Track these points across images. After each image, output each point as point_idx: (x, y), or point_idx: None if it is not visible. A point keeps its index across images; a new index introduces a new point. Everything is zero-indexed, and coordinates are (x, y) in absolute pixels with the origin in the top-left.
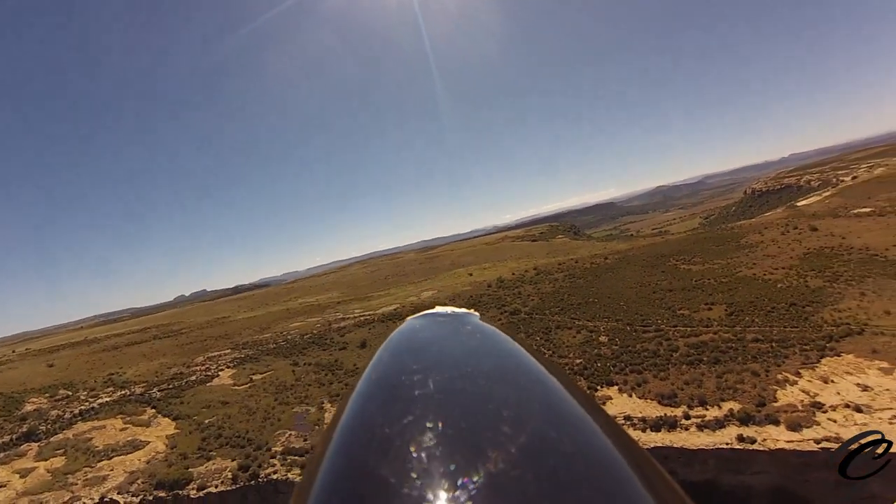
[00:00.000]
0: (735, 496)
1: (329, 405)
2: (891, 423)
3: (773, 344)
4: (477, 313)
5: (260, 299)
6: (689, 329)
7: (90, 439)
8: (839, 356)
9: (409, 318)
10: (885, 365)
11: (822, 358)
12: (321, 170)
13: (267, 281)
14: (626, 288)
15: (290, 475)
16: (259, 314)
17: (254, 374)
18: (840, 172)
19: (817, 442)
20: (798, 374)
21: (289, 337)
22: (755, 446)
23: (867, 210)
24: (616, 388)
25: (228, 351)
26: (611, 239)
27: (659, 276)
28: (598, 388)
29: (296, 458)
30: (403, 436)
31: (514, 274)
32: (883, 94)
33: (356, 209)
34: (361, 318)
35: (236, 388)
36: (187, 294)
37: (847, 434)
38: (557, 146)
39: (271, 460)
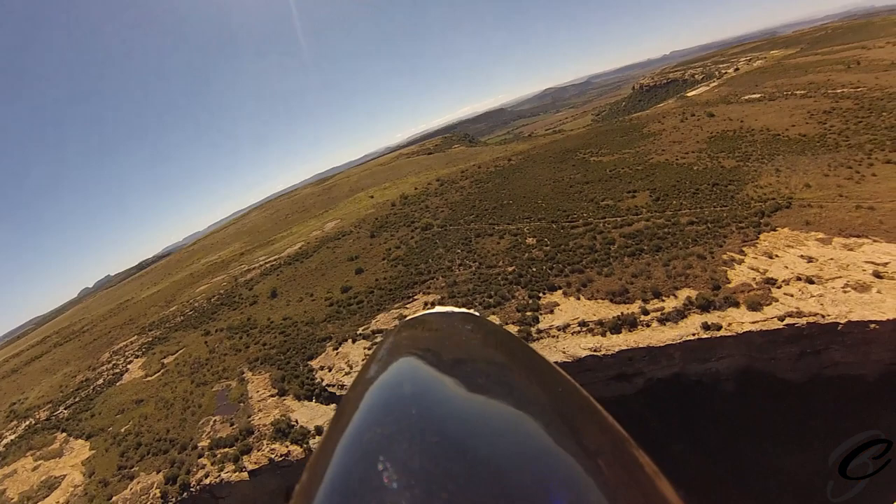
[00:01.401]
0: (703, 385)
1: (250, 373)
2: (844, 292)
3: (709, 225)
4: (476, 313)
5: (163, 270)
6: (619, 219)
7: (2, 492)
8: (775, 231)
9: (407, 317)
10: (821, 235)
11: (759, 234)
12: (202, 122)
13: (170, 249)
14: (540, 185)
15: (223, 475)
16: (163, 287)
17: (165, 358)
18: (721, 66)
19: (781, 319)
20: (742, 253)
21: (196, 304)
22: (721, 333)
23: (757, 96)
24: (560, 292)
25: (135, 338)
26: (508, 141)
27: (571, 170)
28: (541, 294)
29: (226, 450)
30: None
31: (416, 189)
32: None
33: (245, 156)
34: (267, 265)
35: (149, 379)
36: (91, 285)
37: (807, 307)
38: (439, 60)
39: (199, 460)
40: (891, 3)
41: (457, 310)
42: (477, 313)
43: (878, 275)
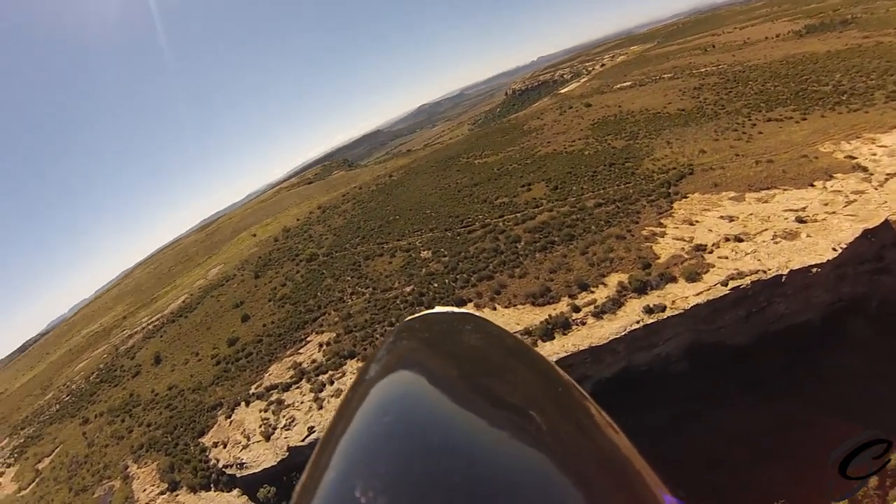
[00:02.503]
0: (653, 372)
1: (135, 466)
2: (776, 243)
3: (618, 204)
4: (476, 313)
5: (40, 350)
6: (519, 215)
7: None
8: (686, 198)
9: (407, 318)
10: (733, 194)
11: (672, 204)
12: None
13: (55, 323)
14: (426, 195)
15: None
16: (39, 371)
17: (39, 462)
18: (588, 64)
19: (724, 284)
20: (661, 225)
21: (73, 387)
22: (668, 313)
23: (628, 83)
24: (471, 305)
25: (6, 441)
26: (388, 159)
27: (456, 175)
28: None
29: None
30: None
31: (298, 220)
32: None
33: (130, 212)
34: (150, 327)
35: (22, 493)
36: None
37: (746, 266)
38: (308, 89)
39: None
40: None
41: (456, 310)
42: (477, 313)
43: (801, 220)
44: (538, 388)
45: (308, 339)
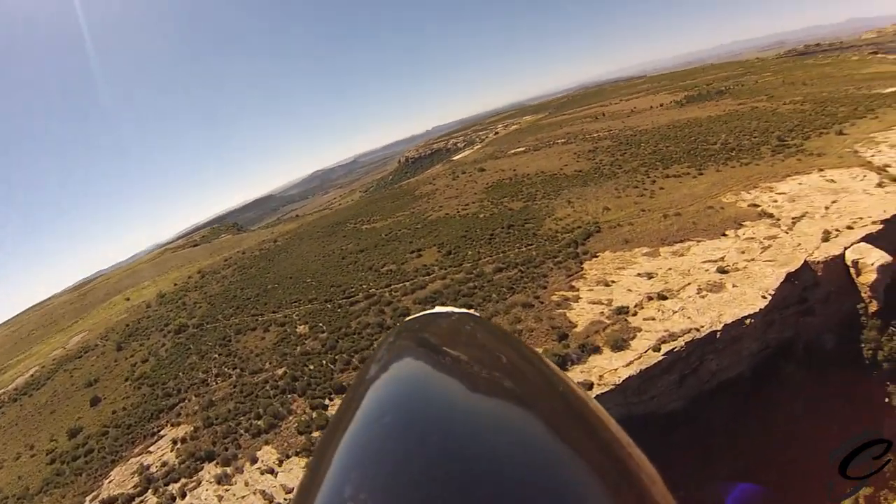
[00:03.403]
0: None
1: None
2: (702, 297)
3: (521, 268)
4: (476, 313)
5: None
6: (408, 283)
7: None
8: (597, 257)
9: (407, 317)
10: (646, 249)
11: (582, 264)
12: None
13: None
14: (309, 262)
15: None
16: None
17: None
18: (481, 133)
19: (657, 349)
20: (573, 288)
21: None
22: (595, 391)
23: (522, 149)
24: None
25: None
26: (276, 224)
27: (342, 241)
28: (327, 401)
29: None
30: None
31: (176, 285)
32: (509, 71)
33: None
34: None
35: None
36: None
37: (676, 326)
38: (203, 151)
39: None
40: (615, 77)
41: (457, 310)
42: (477, 313)
43: (722, 270)
44: (538, 387)
45: (161, 432)
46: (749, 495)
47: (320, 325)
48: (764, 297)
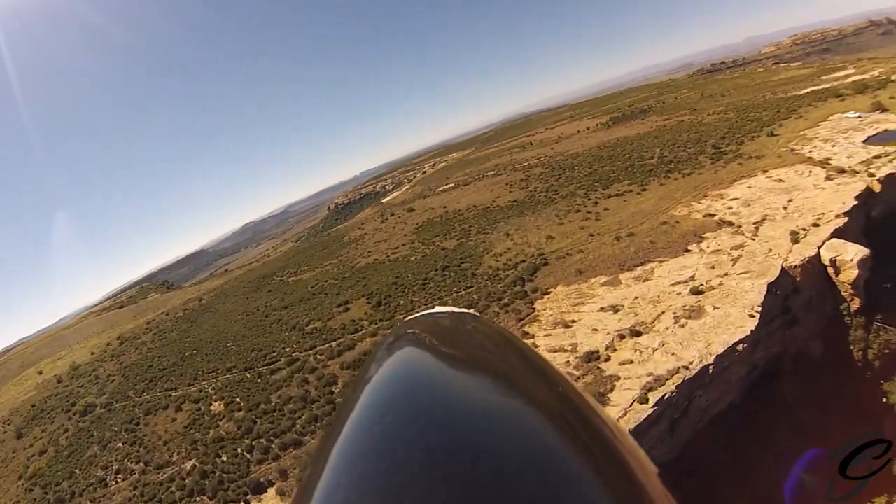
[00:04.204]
0: None
1: None
2: (682, 326)
3: None
4: (476, 313)
5: None
6: (335, 344)
7: None
8: (549, 294)
9: (407, 317)
10: (603, 278)
11: (533, 305)
12: None
13: None
14: (231, 322)
15: None
16: None
17: None
18: (409, 174)
19: (643, 400)
20: (528, 335)
21: None
22: None
23: (451, 185)
24: (272, 491)
25: None
26: (206, 279)
27: (266, 297)
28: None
29: None
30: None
31: (93, 354)
32: (433, 114)
33: None
34: None
35: None
36: None
37: (660, 367)
38: (130, 209)
39: None
40: (542, 107)
41: (457, 309)
42: (477, 313)
43: (697, 291)
44: (538, 387)
45: None
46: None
47: (237, 400)
48: (752, 316)
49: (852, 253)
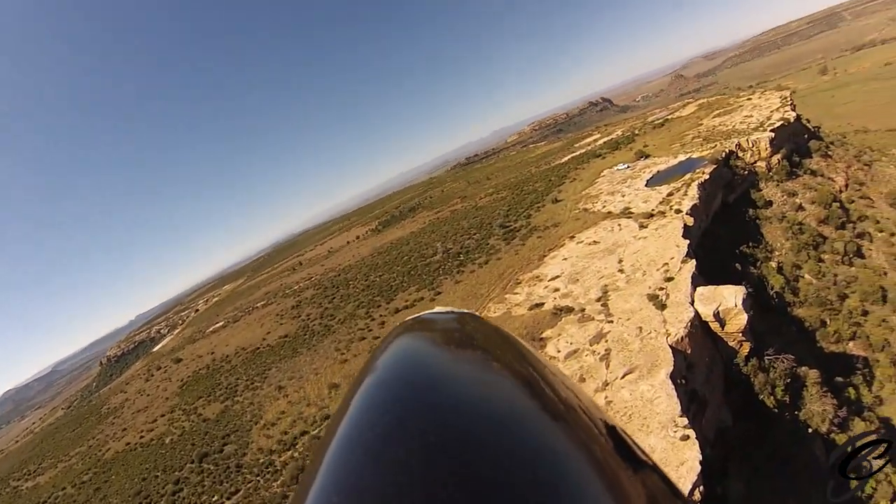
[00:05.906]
0: None
1: None
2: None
3: None
4: (476, 313)
5: None
6: None
7: None
8: None
9: (407, 318)
10: None
11: None
12: None
13: None
14: None
15: None
16: None
17: None
18: (183, 313)
19: None
20: None
21: None
22: None
23: (221, 323)
24: None
25: None
26: None
27: None
28: None
29: None
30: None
31: None
32: (207, 246)
33: None
34: None
35: None
36: None
37: None
38: None
39: None
40: (309, 226)
41: (456, 310)
42: (477, 313)
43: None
44: (539, 387)
45: None
46: None
47: None
48: (685, 438)
49: (732, 297)
